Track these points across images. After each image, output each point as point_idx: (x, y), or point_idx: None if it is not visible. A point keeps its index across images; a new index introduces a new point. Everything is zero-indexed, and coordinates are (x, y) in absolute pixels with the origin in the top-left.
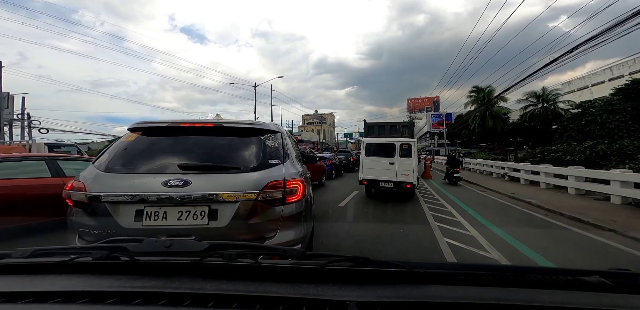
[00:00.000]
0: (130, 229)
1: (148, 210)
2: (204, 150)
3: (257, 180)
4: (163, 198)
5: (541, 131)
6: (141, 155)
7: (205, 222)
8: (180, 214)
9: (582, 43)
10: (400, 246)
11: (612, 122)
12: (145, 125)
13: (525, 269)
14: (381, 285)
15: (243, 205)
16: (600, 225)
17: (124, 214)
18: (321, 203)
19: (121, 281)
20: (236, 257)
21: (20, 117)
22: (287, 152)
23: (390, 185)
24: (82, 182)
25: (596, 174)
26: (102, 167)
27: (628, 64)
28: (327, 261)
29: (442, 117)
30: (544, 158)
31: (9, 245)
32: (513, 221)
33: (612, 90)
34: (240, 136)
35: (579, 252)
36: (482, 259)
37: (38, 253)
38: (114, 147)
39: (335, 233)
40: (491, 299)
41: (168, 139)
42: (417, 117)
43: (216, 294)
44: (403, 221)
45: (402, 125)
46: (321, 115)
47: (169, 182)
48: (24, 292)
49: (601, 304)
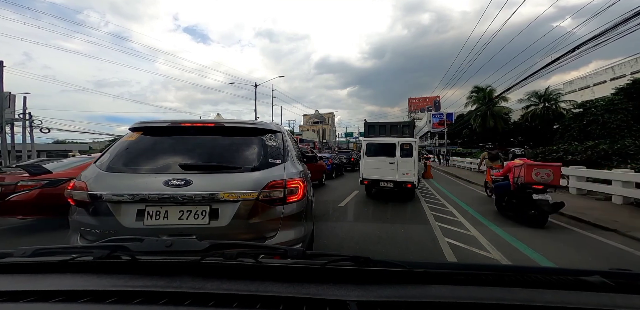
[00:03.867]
0: (132, 228)
1: (149, 210)
2: (205, 149)
3: (258, 180)
4: (164, 197)
5: (542, 131)
6: (142, 155)
7: (206, 222)
8: (182, 213)
9: (584, 43)
10: (401, 246)
11: (613, 121)
12: (146, 125)
13: (525, 268)
14: (381, 284)
15: (244, 205)
16: (601, 225)
17: (125, 213)
18: (322, 203)
19: (122, 280)
20: (237, 256)
21: (22, 116)
22: (288, 152)
23: (391, 185)
24: (83, 182)
25: (598, 174)
26: (104, 167)
27: (630, 64)
28: (327, 261)
29: (443, 117)
30: (545, 158)
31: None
32: (514, 221)
33: (614, 90)
34: (241, 136)
35: (579, 252)
36: (482, 259)
37: (39, 252)
38: (115, 146)
39: (336, 233)
40: (491, 298)
41: (169, 138)
42: (418, 117)
43: (217, 294)
44: (403, 221)
45: (403, 125)
46: (322, 115)
47: (170, 182)
48: (25, 291)
49: (602, 304)
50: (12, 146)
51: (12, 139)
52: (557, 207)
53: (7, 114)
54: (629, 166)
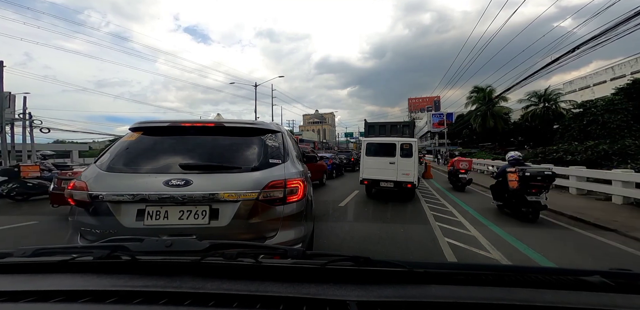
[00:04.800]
0: (132, 228)
1: (149, 210)
2: (205, 150)
3: (258, 180)
4: (164, 197)
5: (542, 131)
6: (143, 155)
7: (206, 222)
8: (182, 213)
9: (584, 43)
10: (401, 246)
11: (613, 121)
12: (146, 125)
13: (525, 268)
14: (381, 284)
15: (244, 205)
16: (601, 225)
17: (125, 213)
18: (322, 203)
19: (122, 280)
20: (237, 256)
21: (22, 116)
22: (288, 152)
23: (391, 185)
24: (83, 182)
25: (598, 174)
26: (104, 167)
27: (630, 64)
28: (327, 261)
29: (443, 117)
30: (545, 158)
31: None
32: (514, 221)
33: (614, 90)
34: (241, 136)
35: (579, 252)
36: (483, 259)
37: (39, 252)
38: (115, 146)
39: (336, 233)
40: (491, 298)
41: (169, 138)
42: (418, 117)
43: (217, 294)
44: (404, 221)
45: (403, 125)
46: (322, 115)
47: (170, 182)
48: (25, 291)
49: (602, 304)
50: (12, 146)
51: (12, 139)
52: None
53: (7, 114)
54: (629, 166)
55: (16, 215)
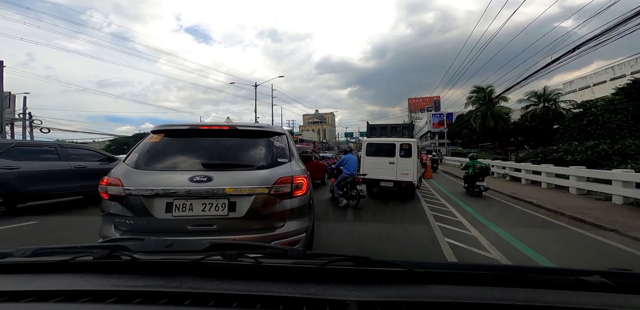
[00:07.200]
0: (163, 219)
1: (177, 203)
2: (221, 150)
3: (269, 177)
4: (190, 192)
5: (542, 131)
6: (166, 154)
7: (225, 213)
8: (204, 206)
9: (584, 43)
10: (401, 246)
11: (613, 121)
12: (168, 127)
13: (525, 268)
14: (381, 284)
15: (257, 198)
16: (601, 225)
17: (156, 206)
18: (322, 202)
19: (122, 280)
20: (237, 256)
21: (22, 116)
22: (292, 152)
23: (391, 185)
24: (117, 178)
25: (598, 174)
26: (133, 165)
27: (630, 64)
28: (327, 261)
29: (443, 117)
30: (546, 158)
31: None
32: (514, 221)
33: (614, 90)
34: (253, 138)
35: (580, 252)
36: (483, 259)
37: (39, 252)
38: (140, 147)
39: (336, 233)
40: (491, 299)
41: (189, 140)
42: (418, 117)
43: (217, 293)
44: (404, 221)
45: (403, 127)
46: (322, 115)
47: (194, 178)
48: (25, 291)
49: (602, 304)
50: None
51: (12, 138)
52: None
53: (7, 113)
54: (629, 166)
55: (16, 215)
